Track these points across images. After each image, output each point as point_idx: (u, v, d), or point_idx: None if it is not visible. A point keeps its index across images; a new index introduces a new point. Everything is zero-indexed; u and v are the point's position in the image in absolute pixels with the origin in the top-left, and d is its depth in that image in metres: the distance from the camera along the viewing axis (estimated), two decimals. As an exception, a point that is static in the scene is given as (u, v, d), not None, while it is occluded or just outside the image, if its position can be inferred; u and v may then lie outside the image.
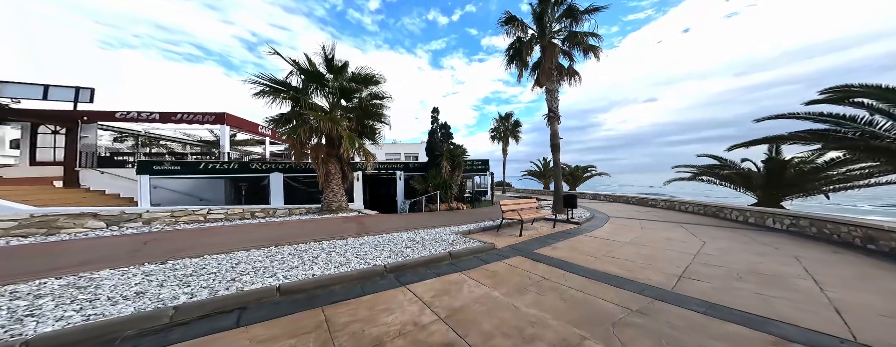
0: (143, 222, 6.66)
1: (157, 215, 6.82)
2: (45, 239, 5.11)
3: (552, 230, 6.91)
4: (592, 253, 4.75)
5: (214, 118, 13.90)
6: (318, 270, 3.45)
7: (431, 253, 4.44)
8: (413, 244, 5.10)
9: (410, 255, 4.33)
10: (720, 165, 10.25)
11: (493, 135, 26.08)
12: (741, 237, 5.96)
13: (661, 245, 5.23)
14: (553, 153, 9.90)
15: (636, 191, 24.75)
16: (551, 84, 9.76)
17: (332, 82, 8.26)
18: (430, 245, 4.97)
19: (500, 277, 3.67)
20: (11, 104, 14.00)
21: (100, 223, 6.19)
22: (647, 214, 9.48)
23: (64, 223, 5.79)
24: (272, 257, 3.98)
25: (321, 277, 3.17)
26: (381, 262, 3.93)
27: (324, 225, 6.93)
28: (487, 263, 4.22)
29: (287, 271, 3.36)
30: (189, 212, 7.13)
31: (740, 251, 4.81)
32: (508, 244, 5.41)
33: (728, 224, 7.49)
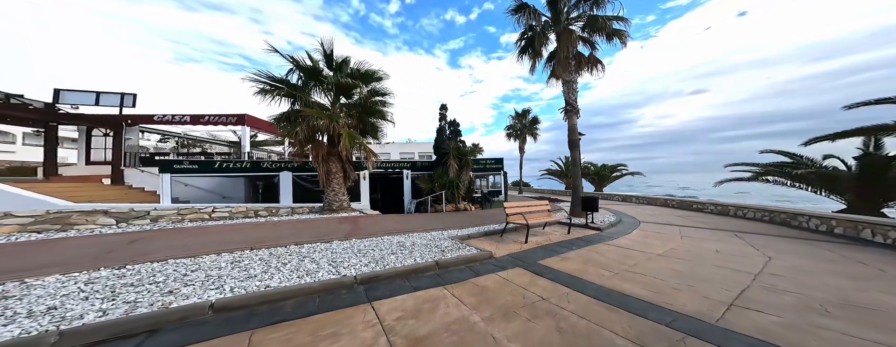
0: (150, 219, 6.76)
1: (164, 212, 6.91)
2: (44, 236, 5.20)
3: (566, 236, 6.10)
4: (610, 267, 3.96)
5: (236, 120, 14.49)
6: (277, 280, 3.04)
7: (416, 262, 3.90)
8: (401, 249, 4.59)
9: (392, 263, 3.83)
10: (792, 162, 8.49)
11: (509, 133, 24.96)
12: (824, 252, 4.70)
13: (706, 260, 4.26)
14: (571, 151, 8.95)
15: (682, 194, 22.20)
16: (568, 75, 8.81)
17: (329, 79, 7.97)
18: (419, 252, 4.44)
19: (488, 294, 3.05)
20: (71, 110, 15.47)
21: (110, 220, 6.34)
22: (691, 219, 8.18)
23: (76, 220, 5.97)
24: (237, 263, 3.66)
25: (275, 290, 2.74)
26: (355, 271, 3.46)
27: (317, 226, 6.66)
28: (479, 275, 3.61)
29: (241, 281, 2.99)
30: (195, 210, 7.18)
31: (824, 273, 3.69)
32: (510, 252, 4.73)
33: (804, 235, 6.04)
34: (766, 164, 8.89)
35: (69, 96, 15.28)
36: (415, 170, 13.16)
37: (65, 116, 14.63)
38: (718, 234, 6.15)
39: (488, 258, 4.33)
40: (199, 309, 2.25)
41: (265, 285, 2.87)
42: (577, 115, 8.91)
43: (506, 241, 5.54)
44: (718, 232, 6.35)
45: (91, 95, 15.30)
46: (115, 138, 14.96)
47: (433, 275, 3.60)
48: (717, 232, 6.34)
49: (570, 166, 20.66)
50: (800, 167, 8.14)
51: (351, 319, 2.46)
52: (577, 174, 8.81)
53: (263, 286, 2.82)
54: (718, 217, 8.55)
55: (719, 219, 8.23)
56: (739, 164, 9.48)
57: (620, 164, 23.69)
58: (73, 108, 15.60)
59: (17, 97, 13.08)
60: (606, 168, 24.12)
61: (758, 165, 9.02)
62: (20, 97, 13.20)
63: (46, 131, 15.28)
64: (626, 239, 5.76)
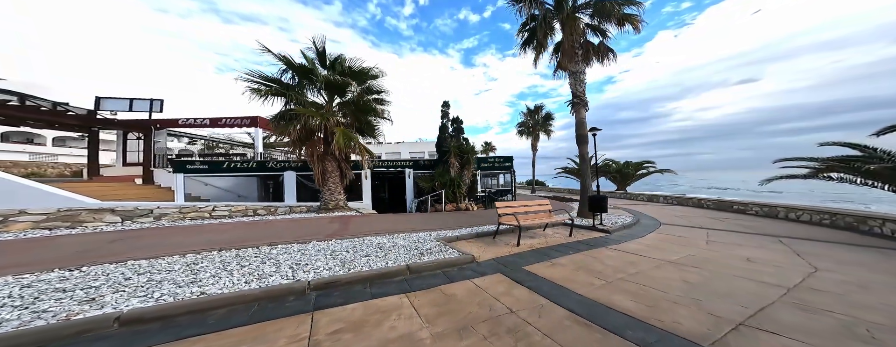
0: (154, 217, 6.96)
1: (166, 211, 7.10)
2: (49, 233, 5.40)
3: (567, 239, 5.59)
4: (605, 275, 3.48)
5: (249, 121, 15.08)
6: (220, 286, 2.83)
7: (387, 266, 3.62)
8: (378, 251, 4.32)
9: (359, 267, 3.56)
10: (863, 156, 7.08)
11: (521, 130, 24.07)
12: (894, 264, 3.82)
13: (730, 269, 3.64)
14: (580, 146, 8.30)
15: (724, 194, 19.89)
16: (574, 66, 8.17)
17: (319, 77, 7.87)
18: (395, 254, 4.14)
19: (451, 305, 2.71)
20: (109, 116, 16.81)
21: (116, 218, 6.59)
22: (727, 222, 7.22)
23: (85, 218, 6.26)
24: (193, 265, 3.52)
25: (208, 298, 2.53)
26: (313, 276, 3.21)
27: (306, 225, 6.54)
28: (452, 282, 3.27)
29: (179, 287, 2.80)
30: (196, 208, 7.35)
31: (888, 289, 2.96)
32: (497, 256, 4.34)
33: (874, 242, 5.06)
34: (827, 158, 7.39)
35: (107, 103, 16.63)
36: (417, 169, 12.92)
37: (103, 122, 15.91)
38: (757, 239, 5.33)
39: (469, 262, 3.98)
40: (102, 322, 2.04)
41: (201, 291, 2.67)
42: (585, 108, 8.25)
43: (497, 243, 5.13)
44: (758, 237, 5.51)
45: (125, 101, 16.57)
46: (145, 141, 16.09)
47: (401, 281, 3.30)
48: (755, 237, 5.51)
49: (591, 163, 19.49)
50: (873, 161, 6.63)
51: (279, 332, 2.20)
52: (585, 172, 8.14)
53: (198, 293, 2.62)
54: (763, 220, 7.47)
55: (764, 222, 7.20)
56: (793, 159, 8.02)
57: (647, 161, 22.01)
58: (112, 114, 16.97)
59: (62, 105, 14.35)
60: (630, 166, 22.54)
61: (817, 159, 7.59)
62: (65, 105, 14.47)
63: (89, 136, 16.73)
64: (636, 243, 5.15)
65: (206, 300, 2.48)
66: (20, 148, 26.97)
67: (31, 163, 23.06)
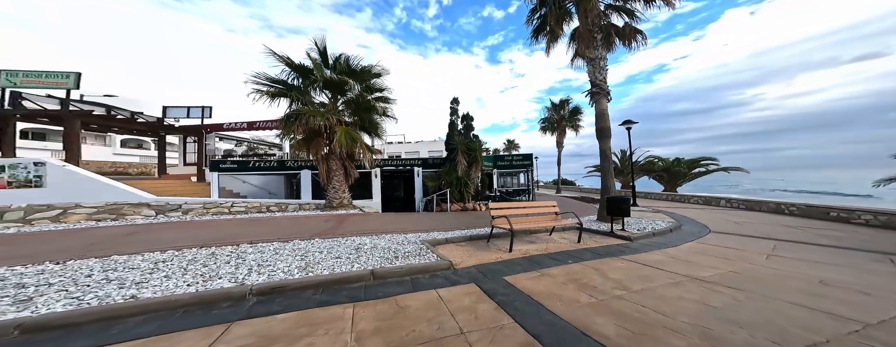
0: (182, 211, 7.61)
1: (192, 206, 7.74)
2: (93, 224, 6.03)
3: (574, 245, 4.91)
4: (599, 291, 2.88)
5: (276, 124, 16.24)
6: (161, 289, 2.76)
7: (351, 269, 3.36)
8: (354, 252, 4.11)
9: (321, 270, 3.35)
10: None
11: (545, 126, 22.43)
12: None
13: (784, 293, 2.76)
14: (600, 141, 7.32)
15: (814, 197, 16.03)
16: (592, 52, 7.20)
17: (319, 76, 7.92)
18: (369, 257, 3.89)
19: (398, 319, 2.36)
20: (174, 123, 19.32)
21: (151, 212, 7.36)
22: (813, 233, 5.73)
23: (127, 211, 7.07)
24: (160, 263, 3.55)
25: (128, 304, 2.41)
26: (265, 279, 3.06)
27: (302, 223, 6.59)
28: (416, 291, 2.94)
29: (122, 288, 2.73)
30: (217, 204, 7.97)
31: None
32: (480, 262, 3.88)
33: None
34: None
35: (172, 112, 19.12)
36: (426, 167, 12.65)
37: (167, 127, 18.34)
38: (852, 257, 4.03)
39: (445, 269, 3.58)
40: (3, 330, 2.02)
41: (131, 295, 2.61)
42: (606, 98, 7.26)
43: (488, 248, 4.63)
44: (855, 254, 4.18)
45: (184, 109, 18.92)
46: (198, 144, 18.21)
47: (359, 287, 3.03)
48: (850, 254, 4.19)
49: (631, 159, 17.51)
50: None
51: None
52: (607, 170, 7.14)
53: (129, 297, 2.55)
54: (875, 232, 5.71)
55: (876, 235, 5.49)
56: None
57: (705, 157, 19.08)
58: (175, 120, 19.51)
59: (139, 114, 16.81)
60: (681, 163, 19.75)
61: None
62: (141, 114, 16.93)
63: (158, 140, 19.40)
64: (661, 254, 4.28)
65: (123, 307, 2.37)
66: (133, 152, 32.40)
67: (140, 164, 27.57)
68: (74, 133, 11.35)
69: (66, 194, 6.98)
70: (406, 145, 29.34)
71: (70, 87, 11.81)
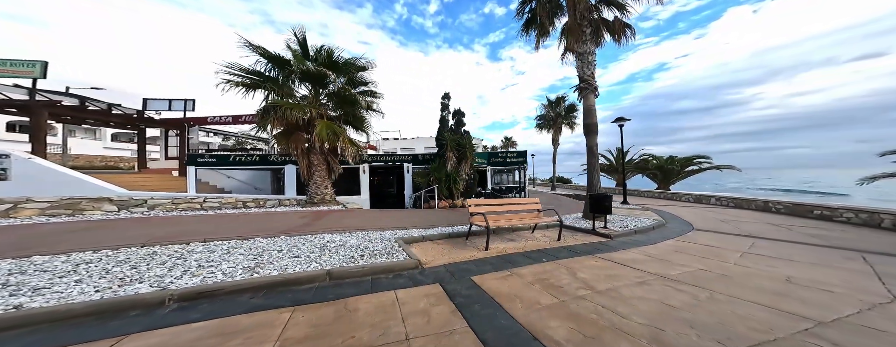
0: (147, 207, 7.34)
1: (159, 201, 7.46)
2: (43, 220, 5.75)
3: (554, 243, 4.87)
4: (563, 291, 2.81)
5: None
6: (49, 298, 2.46)
7: (304, 270, 3.20)
8: (318, 251, 3.99)
9: (268, 271, 3.17)
10: None
11: (541, 123, 22.44)
12: None
13: (749, 292, 2.76)
14: (587, 137, 7.28)
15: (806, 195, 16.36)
16: (581, 46, 7.13)
17: (296, 68, 7.67)
18: (332, 255, 3.77)
19: (339, 324, 2.23)
20: (156, 115, 18.87)
21: (113, 207, 7.06)
22: (794, 231, 5.79)
23: (85, 206, 6.77)
24: (83, 265, 3.31)
25: (11, 315, 2.18)
26: (196, 282, 2.83)
27: (275, 219, 6.43)
28: (373, 292, 2.82)
29: (12, 296, 2.50)
30: (188, 199, 7.68)
31: None
32: (451, 261, 3.81)
33: None
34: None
35: (152, 104, 18.66)
36: (416, 163, 12.55)
37: (148, 120, 17.92)
38: (826, 254, 4.10)
39: (412, 268, 3.47)
40: None
41: (17, 304, 2.33)
42: (594, 93, 7.20)
43: (465, 247, 4.56)
44: (831, 251, 4.24)
45: (165, 101, 18.49)
46: (180, 137, 17.85)
47: (309, 289, 2.88)
48: (826, 251, 4.25)
49: (627, 158, 17.40)
50: None
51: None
52: (593, 167, 7.11)
53: (10, 307, 2.28)
54: (856, 231, 5.80)
55: (856, 233, 5.57)
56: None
57: (699, 156, 19.33)
58: (156, 113, 19.07)
59: (116, 106, 16.37)
60: (674, 161, 20.01)
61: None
62: (118, 106, 16.49)
63: (138, 133, 18.98)
64: (637, 252, 4.27)
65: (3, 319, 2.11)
66: (124, 146, 31.51)
67: (131, 158, 26.83)
68: (41, 124, 10.99)
69: (31, 188, 6.71)
70: (402, 141, 29.46)
71: (36, 76, 11.41)
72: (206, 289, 2.67)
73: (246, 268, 3.27)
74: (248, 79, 7.71)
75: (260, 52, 7.58)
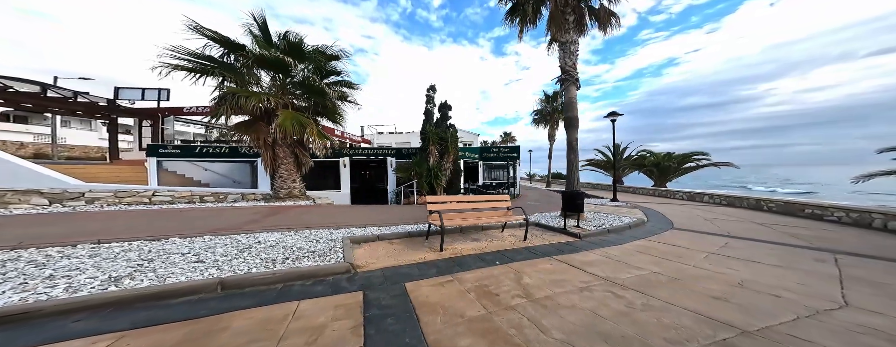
0: (85, 200, 6.89)
1: (99, 194, 7.06)
2: None
3: (519, 243, 4.79)
4: (498, 300, 2.64)
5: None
6: None
7: (189, 279, 2.81)
8: (237, 253, 3.67)
9: (138, 282, 2.77)
10: None
11: (537, 118, 22.27)
12: None
13: (691, 298, 2.68)
14: (568, 131, 7.12)
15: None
16: (564, 35, 6.93)
17: (251, 53, 7.25)
18: (249, 259, 3.45)
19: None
20: (128, 105, 18.47)
21: (43, 200, 6.56)
22: (776, 230, 5.77)
23: (10, 199, 6.26)
24: None
25: None
26: (15, 300, 2.36)
27: (220, 216, 6.17)
28: (271, 303, 2.52)
29: None
30: (134, 193, 7.30)
31: None
32: (394, 264, 3.63)
33: None
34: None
35: (125, 93, 18.26)
36: (400, 157, 12.38)
37: (120, 110, 17.55)
38: (798, 255, 4.07)
39: (343, 273, 3.23)
40: None
41: None
42: (576, 86, 7.01)
43: (421, 247, 4.40)
44: (803, 252, 4.22)
45: (138, 90, 18.08)
46: (153, 128, 17.54)
47: (181, 304, 2.47)
48: (798, 252, 4.22)
49: (625, 155, 17.16)
50: None
51: None
52: (572, 163, 6.97)
53: None
54: (842, 231, 5.72)
55: (841, 233, 5.49)
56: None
57: (697, 152, 19.24)
58: (130, 103, 18.68)
59: (83, 95, 15.96)
60: (671, 158, 19.94)
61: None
62: (86, 95, 16.08)
63: (109, 123, 18.60)
64: (599, 253, 4.17)
65: None
66: (122, 137, 30.87)
67: (127, 150, 26.33)
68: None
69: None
70: (398, 135, 29.34)
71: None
72: (15, 311, 2.13)
73: (113, 279, 2.81)
74: (196, 63, 7.24)
75: (208, 34, 7.10)
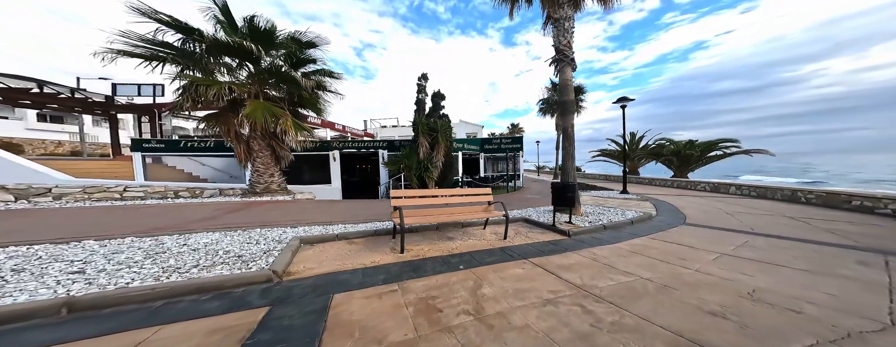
0: (52, 197, 6.83)
1: (67, 190, 7.00)
2: None
3: (499, 242, 4.33)
4: (437, 319, 2.18)
5: None
6: None
7: (30, 300, 2.31)
8: (143, 259, 3.25)
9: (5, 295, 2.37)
10: None
11: (544, 108, 21.28)
12: None
13: (679, 313, 2.16)
14: (563, 117, 6.52)
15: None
16: (558, 10, 6.30)
17: (208, 38, 6.77)
18: (154, 266, 3.05)
19: None
20: (127, 101, 18.87)
21: (9, 197, 6.51)
22: (813, 227, 5.00)
23: None
24: None
25: None
26: None
27: (181, 213, 5.97)
28: (118, 332, 2.01)
29: None
30: (103, 189, 7.21)
31: None
32: (336, 269, 3.17)
33: None
34: None
35: (122, 89, 18.67)
36: (391, 150, 11.99)
37: (118, 106, 17.93)
38: (833, 257, 3.41)
39: (261, 282, 2.75)
40: None
41: None
42: (571, 66, 6.37)
43: (382, 248, 3.98)
44: (840, 253, 3.54)
45: (134, 87, 18.42)
46: (151, 123, 17.85)
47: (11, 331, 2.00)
48: (835, 253, 3.55)
49: (642, 144, 16.07)
50: None
51: None
52: (567, 153, 6.35)
53: None
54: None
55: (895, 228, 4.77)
56: None
57: (724, 139, 17.93)
58: (129, 99, 19.10)
59: (80, 91, 16.33)
60: (693, 146, 18.70)
61: None
62: (83, 91, 16.45)
63: (109, 119, 19.08)
64: (584, 255, 3.65)
65: None
66: (130, 133, 32.20)
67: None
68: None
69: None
70: (400, 128, 29.23)
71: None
72: None
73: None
74: (150, 50, 6.81)
75: (157, 18, 6.57)
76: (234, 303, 2.42)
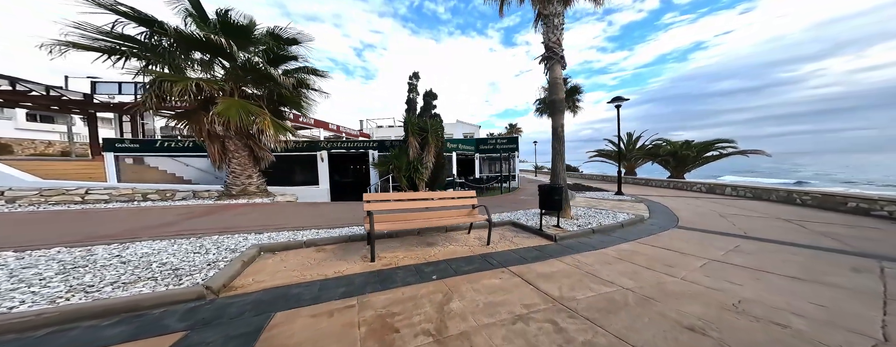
0: (5, 200, 6.57)
1: (21, 193, 6.76)
2: None
3: (481, 248, 4.12)
4: (390, 341, 1.98)
5: None
6: None
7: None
8: (57, 275, 2.89)
9: None
10: None
11: (540, 107, 21.13)
12: None
13: (657, 329, 1.99)
14: (553, 117, 6.38)
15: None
16: (548, 6, 6.18)
17: (170, 31, 6.42)
18: (60, 284, 2.69)
19: None
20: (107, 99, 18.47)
21: None
22: (808, 230, 4.93)
23: None
24: None
25: None
26: None
27: (137, 218, 5.70)
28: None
29: None
30: (62, 191, 6.93)
31: None
32: (293, 281, 2.93)
33: None
34: None
35: (102, 87, 18.30)
36: (382, 151, 11.81)
37: (97, 105, 17.53)
38: (826, 262, 3.31)
39: (187, 301, 2.44)
40: None
41: None
42: (561, 64, 6.25)
43: (352, 256, 3.77)
44: (834, 258, 3.46)
45: (114, 85, 18.06)
46: (132, 123, 17.47)
47: None
48: (829, 258, 3.48)
49: (639, 145, 15.98)
50: None
51: None
52: (557, 153, 6.22)
53: None
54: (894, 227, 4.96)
55: (892, 230, 4.80)
56: None
57: (720, 140, 18.02)
58: (110, 97, 18.70)
59: (56, 89, 15.92)
60: (690, 146, 18.78)
61: None
62: (59, 89, 16.04)
63: (88, 119, 18.65)
64: (567, 262, 3.49)
65: None
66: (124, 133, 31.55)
67: None
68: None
69: None
70: (397, 128, 29.24)
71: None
72: None
73: None
74: (110, 43, 6.46)
75: (114, 9, 6.18)
76: (143, 328, 2.08)
